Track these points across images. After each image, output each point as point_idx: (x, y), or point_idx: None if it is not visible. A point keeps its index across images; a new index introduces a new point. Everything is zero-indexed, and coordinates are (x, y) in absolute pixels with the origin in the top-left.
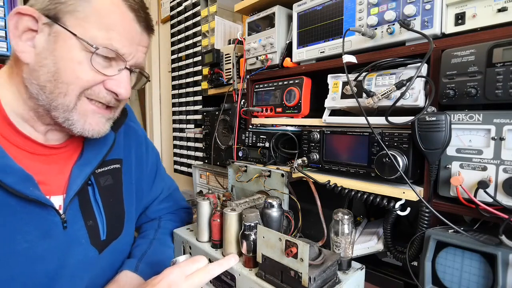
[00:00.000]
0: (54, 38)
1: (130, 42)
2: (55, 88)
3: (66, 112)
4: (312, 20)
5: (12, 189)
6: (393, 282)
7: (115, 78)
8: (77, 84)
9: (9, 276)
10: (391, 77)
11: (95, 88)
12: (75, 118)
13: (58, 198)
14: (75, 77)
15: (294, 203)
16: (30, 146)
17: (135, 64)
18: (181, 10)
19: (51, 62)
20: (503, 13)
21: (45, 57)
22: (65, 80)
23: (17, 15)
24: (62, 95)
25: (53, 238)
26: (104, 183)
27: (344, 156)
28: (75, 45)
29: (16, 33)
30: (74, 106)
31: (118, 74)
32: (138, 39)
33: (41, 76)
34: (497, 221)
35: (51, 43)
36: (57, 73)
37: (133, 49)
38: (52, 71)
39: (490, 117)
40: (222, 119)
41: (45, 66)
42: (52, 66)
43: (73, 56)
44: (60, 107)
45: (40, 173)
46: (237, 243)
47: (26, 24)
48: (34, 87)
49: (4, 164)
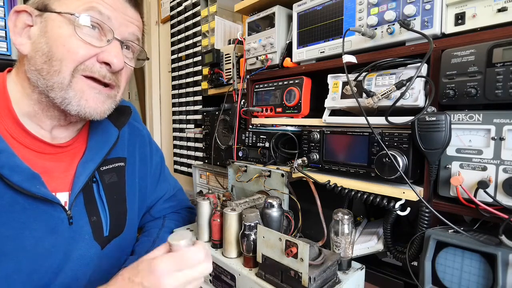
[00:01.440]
0: (44, 23)
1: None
2: (50, 67)
3: (62, 91)
4: (312, 20)
5: (19, 187)
6: (393, 282)
7: (105, 48)
8: (68, 58)
9: (17, 269)
10: (391, 77)
11: (87, 63)
12: (71, 95)
13: (64, 194)
14: (66, 51)
15: (294, 203)
16: (37, 145)
17: (126, 36)
18: (181, 10)
19: (44, 44)
20: (503, 13)
21: (39, 42)
22: (58, 56)
23: (15, 13)
24: (57, 72)
25: (59, 233)
26: (109, 180)
27: (344, 156)
28: (61, 21)
29: (16, 30)
30: (68, 83)
31: (108, 45)
32: (122, 7)
33: (37, 60)
34: (497, 221)
35: (43, 28)
36: (50, 52)
37: (118, 16)
38: (45, 52)
39: (490, 117)
40: (222, 119)
41: (39, 50)
42: (45, 47)
43: (61, 32)
44: (56, 86)
45: (47, 171)
46: (237, 243)
47: (23, 20)
48: (33, 74)
49: (12, 163)
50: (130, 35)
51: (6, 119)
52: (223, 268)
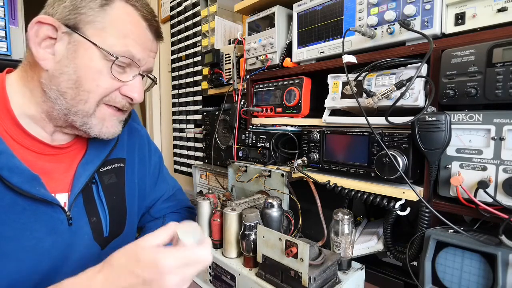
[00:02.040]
0: (74, 47)
1: (143, 48)
2: (77, 95)
3: (85, 118)
4: (312, 20)
5: (19, 188)
6: (393, 282)
7: (129, 83)
8: (97, 92)
9: (17, 270)
10: (391, 77)
11: (112, 95)
12: (94, 123)
13: (63, 195)
14: (96, 86)
15: (294, 203)
16: (37, 146)
17: (147, 69)
18: (181, 10)
19: (72, 70)
20: (503, 13)
21: (66, 65)
22: (86, 88)
23: (38, 24)
24: (83, 102)
25: (59, 234)
26: (108, 181)
27: (344, 156)
28: (95, 54)
29: (36, 40)
30: (93, 112)
31: (132, 80)
32: (150, 45)
33: (62, 83)
34: (497, 221)
35: (71, 51)
36: (78, 81)
37: (146, 55)
38: (73, 79)
39: (490, 117)
40: (222, 119)
41: (65, 74)
42: (73, 73)
43: (94, 65)
44: (80, 113)
45: (47, 172)
46: (237, 243)
47: (46, 32)
48: (54, 92)
49: (11, 164)
50: (150, 69)
51: (5, 120)
52: (223, 268)
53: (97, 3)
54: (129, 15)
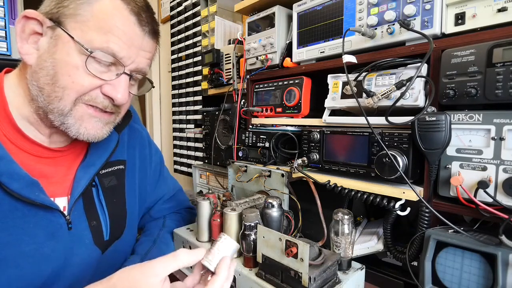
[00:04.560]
0: (54, 41)
1: (129, 45)
2: (52, 92)
3: (61, 116)
4: (312, 20)
5: (18, 194)
6: (393, 282)
7: (112, 82)
8: (72, 88)
9: (18, 275)
10: (391, 77)
11: (91, 93)
12: (70, 122)
13: (63, 199)
14: (71, 82)
15: (294, 203)
16: (36, 150)
17: (136, 69)
18: (181, 10)
19: (50, 65)
20: (503, 13)
21: (45, 60)
22: (62, 84)
23: (24, 18)
24: (58, 99)
25: (59, 239)
26: (108, 184)
27: (344, 156)
28: (72, 48)
29: (23, 36)
30: (69, 110)
31: (115, 79)
32: (139, 43)
33: (41, 78)
34: (497, 221)
35: (52, 46)
36: (55, 77)
37: (132, 53)
38: (50, 74)
39: (490, 117)
40: (222, 119)
41: (44, 69)
42: (51, 69)
43: (70, 59)
44: (55, 111)
45: (46, 176)
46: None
47: (32, 27)
48: (34, 89)
49: (11, 170)
50: (139, 69)
51: (4, 123)
52: None
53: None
54: (115, 9)
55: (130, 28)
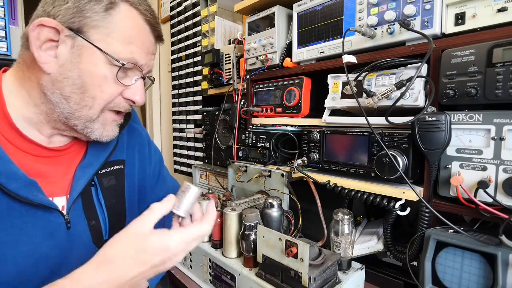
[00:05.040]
0: (78, 51)
1: (146, 53)
2: (81, 101)
3: (87, 122)
4: (312, 20)
5: (16, 194)
6: (393, 282)
7: (132, 87)
8: (102, 98)
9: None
10: (391, 77)
11: (116, 100)
12: (95, 127)
13: (61, 199)
14: (100, 91)
15: (294, 203)
16: (35, 149)
17: (148, 72)
18: (181, 10)
19: (76, 74)
20: (503, 13)
21: (70, 70)
22: (91, 94)
23: (40, 26)
24: (88, 108)
25: (57, 238)
26: (107, 184)
27: (344, 156)
28: (100, 59)
29: (38, 43)
30: (97, 118)
31: (134, 84)
32: (152, 49)
33: (66, 88)
34: (497, 221)
35: (76, 55)
36: (83, 87)
37: (148, 59)
38: (77, 84)
39: (490, 117)
40: (222, 119)
41: (69, 78)
42: (77, 78)
43: (98, 70)
44: (83, 117)
45: (44, 175)
46: (237, 243)
47: (47, 35)
48: (56, 96)
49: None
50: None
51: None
52: (223, 268)
53: (102, 6)
54: (133, 20)
55: (147, 38)
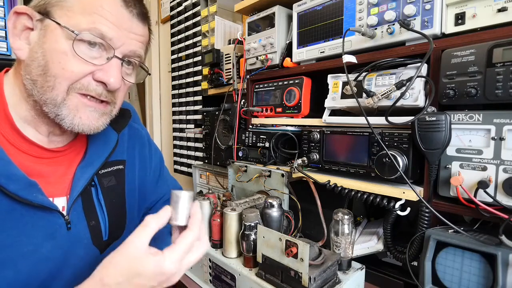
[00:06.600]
0: (43, 31)
1: (117, 26)
2: (44, 82)
3: (55, 107)
4: (312, 20)
5: (16, 195)
6: (393, 282)
7: (103, 67)
8: (63, 76)
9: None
10: (391, 77)
11: (83, 81)
12: (64, 113)
13: (62, 199)
14: (61, 69)
15: (294, 203)
16: (34, 150)
17: (128, 52)
18: (181, 10)
19: (41, 55)
20: (503, 13)
21: (36, 51)
22: (52, 72)
23: (15, 14)
24: (50, 88)
25: (57, 239)
26: (107, 184)
27: (344, 156)
28: (60, 35)
29: (15, 32)
30: (62, 101)
31: (106, 63)
32: (128, 25)
33: (33, 70)
34: (497, 221)
35: (41, 36)
36: (46, 66)
37: (122, 35)
38: (42, 65)
39: (490, 117)
40: (222, 119)
41: (35, 60)
42: (41, 59)
43: (59, 46)
44: (49, 101)
45: (44, 176)
46: (237, 243)
47: (23, 22)
48: (28, 82)
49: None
50: (132, 52)
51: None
52: (223, 268)
53: None
54: None
55: (116, 10)
